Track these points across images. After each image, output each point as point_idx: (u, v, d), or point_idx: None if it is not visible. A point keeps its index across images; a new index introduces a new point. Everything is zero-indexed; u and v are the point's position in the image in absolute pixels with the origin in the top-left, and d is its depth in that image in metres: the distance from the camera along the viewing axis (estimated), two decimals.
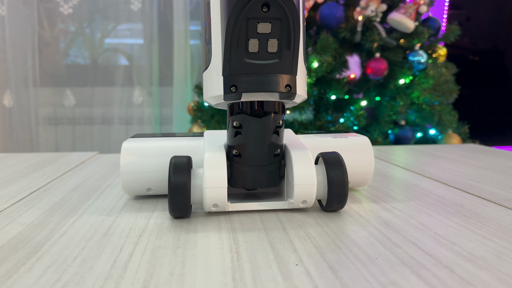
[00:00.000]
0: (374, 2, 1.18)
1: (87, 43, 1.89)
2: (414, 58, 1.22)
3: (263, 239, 0.30)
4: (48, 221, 0.35)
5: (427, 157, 0.68)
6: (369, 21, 1.21)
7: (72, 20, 1.83)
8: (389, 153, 0.73)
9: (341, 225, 0.34)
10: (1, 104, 1.80)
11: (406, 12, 1.17)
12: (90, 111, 1.90)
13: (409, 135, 1.25)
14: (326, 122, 1.27)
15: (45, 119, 1.89)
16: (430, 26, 1.28)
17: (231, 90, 0.32)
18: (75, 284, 0.24)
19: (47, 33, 1.82)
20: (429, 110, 1.21)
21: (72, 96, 1.88)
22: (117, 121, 1.92)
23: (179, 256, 0.27)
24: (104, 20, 1.86)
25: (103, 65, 1.89)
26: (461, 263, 0.26)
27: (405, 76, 1.22)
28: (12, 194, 0.44)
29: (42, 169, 0.58)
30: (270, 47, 0.32)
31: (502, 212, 0.37)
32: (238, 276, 0.24)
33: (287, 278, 0.24)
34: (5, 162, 0.64)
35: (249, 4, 0.30)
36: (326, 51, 1.17)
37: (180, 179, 0.34)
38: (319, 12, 1.22)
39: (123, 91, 1.89)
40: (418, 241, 0.30)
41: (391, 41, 1.18)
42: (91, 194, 0.45)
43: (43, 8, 1.79)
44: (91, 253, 0.28)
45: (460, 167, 0.58)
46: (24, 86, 1.80)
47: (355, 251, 0.28)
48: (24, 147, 1.84)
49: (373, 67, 1.20)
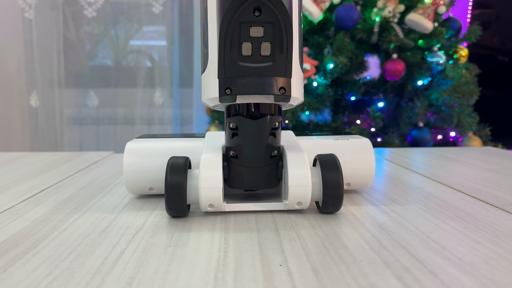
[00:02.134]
0: (392, 3, 1.17)
1: (112, 45, 1.94)
2: (433, 59, 1.20)
3: (254, 240, 0.31)
4: (51, 218, 0.37)
5: (438, 159, 0.67)
6: (386, 22, 1.19)
7: (97, 23, 1.88)
8: (401, 155, 0.72)
9: (334, 227, 0.34)
10: (28, 104, 1.86)
11: (424, 12, 1.15)
12: (114, 112, 1.95)
13: (427, 137, 1.22)
14: (342, 123, 1.26)
15: (70, 119, 1.94)
16: (450, 27, 1.25)
17: (226, 92, 0.33)
18: (64, 278, 0.25)
19: (73, 35, 1.87)
20: (448, 112, 1.18)
21: (95, 97, 1.92)
22: (139, 121, 1.96)
23: (168, 254, 0.28)
24: (128, 23, 1.90)
25: (125, 66, 1.93)
26: (447, 267, 0.26)
27: (423, 77, 1.20)
28: (24, 192, 0.46)
29: (57, 168, 0.60)
30: (263, 50, 0.32)
31: (503, 217, 0.36)
32: (221, 275, 0.25)
33: (268, 278, 0.24)
34: (23, 160, 0.67)
35: (240, 8, 0.31)
36: (342, 52, 1.16)
37: (177, 179, 0.35)
38: (335, 13, 1.21)
39: (145, 92, 1.92)
40: (408, 244, 0.30)
41: (409, 42, 1.17)
42: (98, 192, 0.46)
43: (69, 11, 1.85)
44: (85, 250, 0.29)
45: (470, 170, 0.57)
46: (49, 87, 1.86)
47: (341, 253, 0.28)
48: (49, 146, 1.89)
49: (390, 68, 1.19)
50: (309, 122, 1.29)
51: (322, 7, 1.19)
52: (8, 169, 0.60)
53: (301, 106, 1.19)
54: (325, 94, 1.20)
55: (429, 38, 1.21)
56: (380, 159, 0.68)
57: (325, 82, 1.19)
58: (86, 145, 1.97)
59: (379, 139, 1.25)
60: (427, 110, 1.20)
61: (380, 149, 0.81)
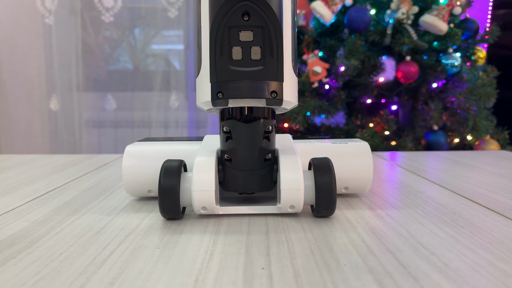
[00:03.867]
0: (405, 4, 1.15)
1: (130, 50, 1.97)
2: (447, 61, 1.18)
3: (242, 243, 0.31)
4: (51, 219, 0.38)
5: (448, 164, 0.66)
6: (399, 23, 1.18)
7: (115, 28, 1.91)
8: (410, 159, 0.71)
9: (325, 231, 0.34)
10: (48, 108, 1.91)
11: (438, 13, 1.13)
12: (131, 115, 1.98)
13: (442, 141, 1.20)
14: (355, 126, 1.25)
15: (90, 122, 1.98)
16: (467, 28, 1.22)
17: (218, 96, 0.33)
18: (50, 278, 0.25)
19: (92, 40, 1.92)
20: (464, 115, 1.16)
21: (113, 101, 1.96)
22: (156, 124, 1.98)
23: (154, 256, 0.29)
24: (145, 27, 1.94)
25: (142, 70, 1.96)
26: (431, 273, 0.25)
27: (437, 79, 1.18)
28: (30, 193, 0.48)
29: (66, 170, 0.62)
30: (254, 55, 0.32)
31: (500, 223, 0.35)
32: (202, 277, 0.25)
33: (247, 281, 0.25)
34: (35, 163, 0.69)
35: (229, 13, 0.31)
36: (353, 55, 1.15)
37: (170, 182, 0.35)
38: (347, 15, 1.21)
39: (161, 96, 1.95)
40: (396, 249, 0.29)
41: (423, 44, 1.15)
42: (101, 194, 0.47)
43: (88, 16, 1.89)
44: (76, 250, 0.30)
45: (478, 175, 0.56)
46: (68, 91, 1.90)
47: (326, 257, 0.28)
48: (68, 148, 1.94)
49: (403, 70, 1.17)
50: (321, 125, 1.29)
51: (333, 10, 1.19)
52: (19, 171, 0.61)
53: (312, 109, 1.19)
54: (337, 97, 1.19)
55: (444, 40, 1.19)
56: (387, 163, 0.67)
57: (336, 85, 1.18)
58: (104, 147, 2.01)
59: (393, 142, 1.24)
60: (442, 113, 1.18)
61: (390, 153, 0.80)
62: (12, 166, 0.66)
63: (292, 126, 1.22)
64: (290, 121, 1.21)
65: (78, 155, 0.77)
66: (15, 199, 0.45)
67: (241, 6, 0.31)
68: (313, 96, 1.21)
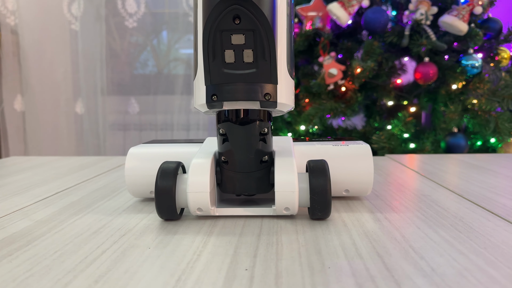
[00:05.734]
0: (424, 5, 1.13)
1: (154, 54, 2.01)
2: (468, 62, 1.15)
3: (232, 244, 0.31)
4: (54, 219, 0.39)
5: (461, 166, 0.64)
6: (417, 24, 1.15)
7: (139, 33, 1.95)
8: (423, 161, 0.70)
9: (317, 234, 0.33)
10: (74, 111, 1.96)
11: (458, 14, 1.11)
12: (154, 118, 2.02)
13: (462, 144, 1.17)
14: (373, 129, 1.23)
15: (114, 125, 2.03)
16: (490, 28, 1.19)
17: (213, 99, 0.34)
18: (40, 275, 0.26)
19: (117, 45, 1.96)
20: (485, 117, 1.12)
21: (136, 104, 2.00)
22: (177, 127, 2.02)
23: (143, 256, 0.29)
24: (169, 32, 1.97)
25: (164, 74, 1.99)
26: (415, 278, 0.25)
27: (457, 81, 1.15)
28: (40, 194, 0.49)
29: (79, 172, 0.64)
30: (246, 58, 0.33)
31: (501, 228, 0.34)
32: (184, 277, 0.26)
33: (227, 282, 0.25)
34: (52, 164, 0.71)
35: (220, 16, 0.31)
36: (370, 56, 1.14)
37: (166, 183, 0.36)
38: (364, 17, 1.19)
39: (182, 99, 1.98)
40: (385, 253, 0.29)
41: (442, 45, 1.12)
42: (107, 195, 0.48)
43: (113, 22, 1.94)
44: (71, 249, 0.31)
45: (490, 178, 0.55)
46: (93, 94, 1.95)
47: (312, 260, 0.28)
48: (93, 151, 1.99)
49: (421, 72, 1.15)
50: (338, 128, 1.28)
51: (350, 11, 1.18)
52: (35, 172, 0.64)
53: (328, 111, 1.18)
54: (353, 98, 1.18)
55: (465, 41, 1.16)
56: (399, 166, 0.66)
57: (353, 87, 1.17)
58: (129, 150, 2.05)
59: (412, 145, 1.21)
60: (462, 115, 1.15)
61: (403, 156, 0.78)
62: (29, 167, 0.68)
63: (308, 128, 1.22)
64: (306, 123, 1.20)
65: (95, 157, 0.79)
66: (25, 199, 0.46)
67: (232, 10, 0.31)
68: (329, 98, 1.20)
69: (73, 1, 1.88)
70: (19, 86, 1.93)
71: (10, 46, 1.89)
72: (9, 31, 1.89)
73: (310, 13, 1.27)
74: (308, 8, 1.28)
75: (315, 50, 1.29)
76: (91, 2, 1.89)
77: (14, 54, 1.91)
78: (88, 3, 1.89)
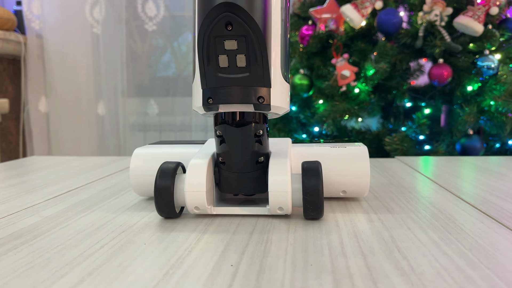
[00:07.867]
0: (439, 6, 1.12)
1: (174, 57, 2.05)
2: (483, 63, 1.13)
3: (223, 241, 0.33)
4: (62, 216, 0.41)
5: (468, 169, 0.64)
6: (431, 25, 1.14)
7: (159, 36, 1.99)
8: (431, 164, 0.69)
9: (308, 233, 0.34)
10: (96, 112, 2.02)
11: (474, 14, 1.09)
12: (173, 119, 2.05)
13: (478, 146, 1.15)
14: (386, 130, 1.22)
15: (135, 126, 2.08)
16: (507, 28, 1.17)
17: (209, 102, 0.35)
18: (40, 267, 0.28)
19: (138, 48, 2.01)
20: (501, 119, 1.10)
21: (155, 106, 2.04)
22: (196, 128, 2.05)
23: (138, 251, 0.31)
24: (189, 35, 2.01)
25: (183, 76, 2.03)
26: (393, 277, 0.26)
27: (472, 82, 1.13)
28: (52, 192, 0.52)
29: (93, 171, 0.66)
30: (239, 62, 0.34)
31: (492, 230, 0.34)
32: (172, 272, 0.27)
33: (211, 277, 0.26)
34: (69, 164, 0.74)
35: (213, 23, 0.33)
36: (383, 58, 1.13)
37: (164, 183, 0.37)
38: (377, 18, 1.19)
39: None
40: (370, 252, 0.30)
41: (456, 46, 1.11)
42: (115, 194, 0.50)
43: (134, 25, 1.98)
44: (72, 244, 0.33)
45: (495, 181, 0.54)
46: (114, 96, 2.00)
47: (296, 258, 0.29)
48: (114, 151, 2.04)
49: (435, 73, 1.14)
50: (351, 129, 1.27)
51: (363, 13, 1.17)
52: (51, 171, 0.66)
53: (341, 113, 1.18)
54: (366, 100, 1.18)
55: (480, 41, 1.15)
56: (406, 167, 0.66)
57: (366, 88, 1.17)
58: None
59: (427, 146, 1.20)
60: (478, 117, 1.13)
61: (412, 158, 0.78)
62: (46, 167, 0.71)
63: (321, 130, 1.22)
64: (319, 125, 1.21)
65: (110, 157, 0.82)
66: (37, 197, 0.49)
67: (224, 17, 0.33)
68: (342, 100, 1.20)
69: (95, 5, 1.94)
70: (43, 88, 2.00)
71: (35, 49, 1.96)
72: (34, 35, 1.95)
73: (323, 15, 1.27)
74: (322, 10, 1.28)
75: (328, 52, 1.29)
76: (112, 6, 1.94)
77: (39, 57, 1.97)
78: (109, 7, 1.94)
